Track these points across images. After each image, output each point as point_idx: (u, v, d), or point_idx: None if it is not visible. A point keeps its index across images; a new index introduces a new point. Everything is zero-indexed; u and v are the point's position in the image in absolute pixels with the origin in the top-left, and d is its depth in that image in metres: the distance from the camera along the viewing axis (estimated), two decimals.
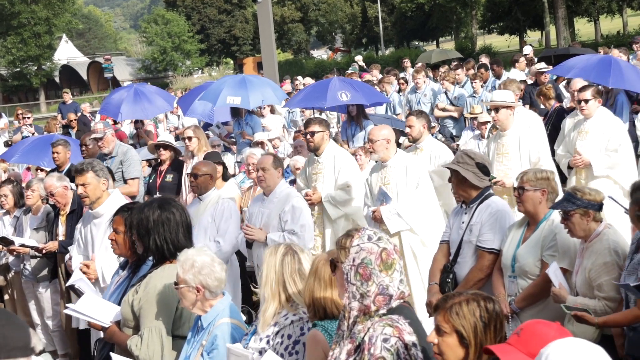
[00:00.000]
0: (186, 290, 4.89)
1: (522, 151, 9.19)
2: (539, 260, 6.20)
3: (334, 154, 9.55)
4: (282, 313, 4.74)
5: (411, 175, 8.46)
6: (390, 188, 8.51)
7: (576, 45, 26.86)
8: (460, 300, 3.60)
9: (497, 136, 9.58)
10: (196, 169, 8.50)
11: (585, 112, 9.67)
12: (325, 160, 9.56)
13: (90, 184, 7.58)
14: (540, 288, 6.17)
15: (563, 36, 51.54)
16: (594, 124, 9.59)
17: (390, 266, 3.87)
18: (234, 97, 15.00)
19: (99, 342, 6.06)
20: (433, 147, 9.67)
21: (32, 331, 2.88)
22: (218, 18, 76.81)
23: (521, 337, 3.30)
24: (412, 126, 9.63)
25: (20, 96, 77.85)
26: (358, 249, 3.88)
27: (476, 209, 6.70)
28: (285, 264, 4.81)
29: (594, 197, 5.82)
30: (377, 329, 3.77)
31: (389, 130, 8.69)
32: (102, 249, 7.39)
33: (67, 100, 23.52)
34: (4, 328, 2.79)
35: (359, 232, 3.94)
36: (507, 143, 9.33)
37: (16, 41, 70.67)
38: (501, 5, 61.22)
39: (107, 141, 11.27)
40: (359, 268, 3.85)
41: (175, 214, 5.47)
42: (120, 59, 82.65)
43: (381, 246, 3.88)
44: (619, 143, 9.40)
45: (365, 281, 3.84)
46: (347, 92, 13.54)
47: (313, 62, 69.64)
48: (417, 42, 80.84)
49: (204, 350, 4.85)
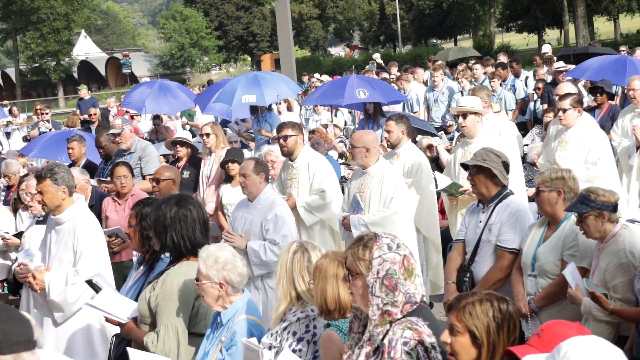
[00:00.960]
0: (209, 286, 4.92)
1: None
2: (559, 260, 6.18)
3: (308, 159, 9.33)
4: (292, 310, 4.77)
5: (386, 186, 8.30)
6: (364, 197, 8.39)
7: (596, 44, 26.70)
8: (474, 300, 3.60)
9: (464, 143, 9.29)
10: (159, 173, 8.32)
11: (563, 122, 9.38)
12: (299, 165, 9.33)
13: (48, 192, 6.98)
14: (559, 287, 6.14)
15: (582, 35, 51.25)
16: (575, 134, 9.24)
17: (411, 273, 3.90)
18: (249, 96, 15.01)
19: (115, 337, 6.10)
20: (410, 154, 9.40)
21: (34, 324, 2.90)
22: (236, 15, 76.84)
23: (542, 338, 3.31)
24: (390, 131, 9.37)
25: (39, 91, 78.22)
26: (381, 261, 3.87)
27: (494, 208, 6.67)
28: (295, 261, 4.84)
29: (608, 198, 5.78)
30: (397, 332, 3.78)
31: (373, 136, 8.55)
32: (56, 260, 7.01)
33: (84, 96, 23.62)
34: (4, 324, 2.80)
35: (377, 242, 3.92)
36: (474, 151, 8.79)
37: (35, 37, 70.96)
38: (520, 3, 60.87)
39: (125, 137, 11.29)
40: (384, 280, 3.85)
41: (192, 211, 5.50)
42: (138, 55, 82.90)
43: (402, 254, 3.89)
44: (598, 156, 9.05)
45: (392, 292, 3.85)
46: (364, 90, 13.54)
47: (330, 59, 69.52)
48: (434, 40, 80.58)
49: (222, 346, 4.88)
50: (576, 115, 9.28)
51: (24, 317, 2.92)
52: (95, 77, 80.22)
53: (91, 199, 9.12)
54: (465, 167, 7.05)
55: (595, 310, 5.69)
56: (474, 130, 9.09)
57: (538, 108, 16.39)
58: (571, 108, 9.24)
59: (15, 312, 2.91)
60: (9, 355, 2.79)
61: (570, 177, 6.26)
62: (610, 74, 13.12)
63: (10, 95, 73.03)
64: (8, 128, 22.98)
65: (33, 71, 74.93)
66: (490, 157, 6.67)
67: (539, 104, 16.31)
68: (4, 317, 2.83)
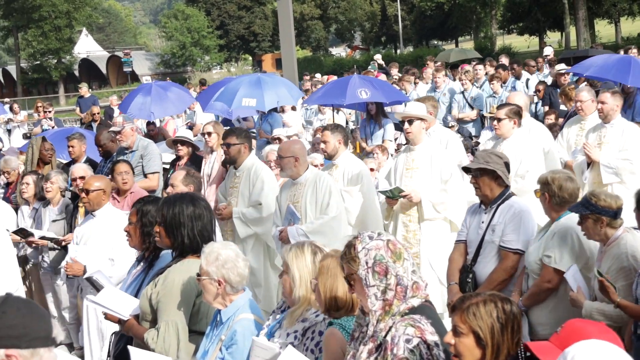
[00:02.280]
0: (208, 283, 4.91)
1: (433, 168, 8.68)
2: (539, 260, 6.24)
3: (251, 169, 9.08)
4: (311, 310, 4.73)
5: (320, 192, 8.11)
6: (299, 206, 8.18)
7: (597, 47, 26.71)
8: (478, 301, 3.60)
9: (406, 149, 9.05)
10: (88, 184, 7.98)
11: (498, 132, 9.22)
12: (241, 175, 9.12)
13: None
14: (539, 289, 6.25)
15: (583, 37, 51.22)
16: (509, 146, 8.93)
17: (399, 256, 3.88)
18: (250, 99, 14.98)
19: (114, 335, 6.10)
20: (349, 163, 9.18)
21: (54, 321, 2.89)
22: (237, 14, 76.87)
23: (560, 334, 3.32)
24: (326, 142, 9.11)
25: (40, 89, 78.20)
26: (365, 252, 3.88)
27: (497, 209, 6.69)
28: (316, 264, 4.79)
29: (609, 204, 5.77)
30: (400, 329, 3.77)
31: (300, 145, 8.40)
32: None
33: (84, 94, 23.58)
34: (25, 318, 2.81)
35: (358, 238, 3.95)
36: (417, 158, 8.81)
37: (37, 34, 70.97)
38: (521, 6, 60.85)
39: (126, 135, 11.29)
40: (375, 267, 3.85)
41: (205, 210, 5.53)
42: (139, 54, 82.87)
43: (384, 239, 3.90)
44: (527, 169, 8.78)
45: (384, 276, 3.85)
46: (366, 90, 13.53)
47: (332, 59, 69.56)
48: (436, 42, 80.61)
49: (222, 344, 4.87)
50: (511, 127, 9.05)
51: (45, 313, 2.93)
52: (96, 75, 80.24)
53: None
54: (466, 170, 7.03)
55: (597, 313, 5.70)
56: (418, 136, 8.81)
57: (539, 110, 16.39)
58: (506, 118, 9.03)
59: (36, 308, 2.91)
60: (27, 350, 2.79)
61: (555, 180, 6.28)
62: (614, 72, 13.10)
63: (11, 92, 73.09)
64: (9, 125, 22.96)
65: (34, 69, 74.95)
66: (493, 158, 6.68)
67: (540, 106, 16.31)
68: (24, 312, 2.83)
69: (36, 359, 2.81)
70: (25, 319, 2.81)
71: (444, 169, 8.67)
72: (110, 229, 7.79)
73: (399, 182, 8.85)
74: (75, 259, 7.66)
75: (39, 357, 2.82)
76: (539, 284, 6.24)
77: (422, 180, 8.68)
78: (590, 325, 3.33)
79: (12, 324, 2.78)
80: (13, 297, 2.89)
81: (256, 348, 4.63)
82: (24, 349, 2.78)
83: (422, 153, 8.76)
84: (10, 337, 2.77)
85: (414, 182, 8.71)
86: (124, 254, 7.54)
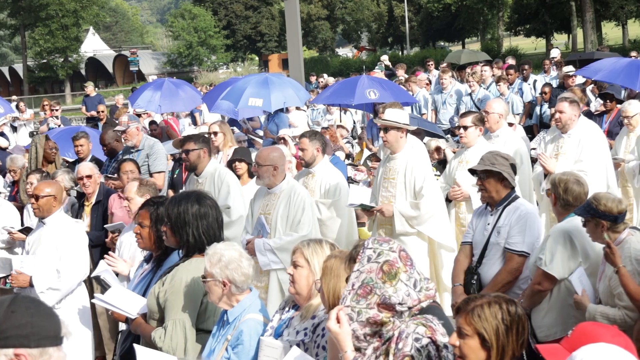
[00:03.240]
0: (213, 284, 4.92)
1: (407, 178, 8.43)
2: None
3: (214, 173, 8.77)
4: (321, 306, 4.71)
5: (293, 207, 7.74)
6: (270, 219, 7.83)
7: (604, 50, 26.67)
8: (482, 303, 3.58)
9: (387, 159, 8.74)
10: (38, 189, 7.73)
11: (464, 140, 9.05)
12: (204, 180, 8.79)
13: None
14: (531, 290, 6.26)
15: (590, 40, 51.15)
16: (476, 154, 8.58)
17: (394, 276, 3.84)
18: (256, 99, 15.00)
19: (121, 334, 6.11)
20: (326, 173, 8.94)
21: (62, 320, 2.89)
22: (244, 14, 76.93)
23: (571, 338, 3.31)
24: (304, 149, 8.88)
25: (46, 87, 78.34)
26: (357, 274, 3.87)
27: (503, 210, 6.69)
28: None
29: (610, 208, 5.75)
30: (410, 327, 3.76)
31: (279, 153, 7.94)
32: None
33: (90, 93, 23.65)
34: (34, 317, 2.80)
35: (360, 255, 3.92)
36: (395, 168, 8.54)
37: (44, 33, 71.06)
38: (528, 8, 60.78)
39: (131, 134, 11.31)
40: (358, 290, 3.83)
41: (211, 208, 5.54)
42: (146, 53, 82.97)
43: (381, 261, 3.86)
44: None
45: (364, 297, 3.81)
46: (375, 91, 13.53)
47: (338, 60, 69.53)
48: (442, 43, 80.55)
49: (228, 344, 4.87)
50: (477, 134, 8.96)
51: (53, 313, 2.92)
52: (102, 74, 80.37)
53: (98, 194, 9.16)
54: (472, 172, 7.02)
55: (600, 316, 5.68)
56: (396, 145, 8.51)
57: (545, 112, 16.38)
58: (472, 126, 8.92)
59: (44, 306, 2.90)
60: (36, 349, 2.79)
61: (561, 182, 6.28)
62: (622, 77, 13.11)
63: (18, 91, 73.14)
64: (15, 123, 22.99)
65: (41, 67, 75.05)
66: (499, 160, 6.67)
67: (546, 108, 16.30)
68: (33, 311, 2.83)
69: (45, 358, 2.81)
70: (33, 318, 2.80)
71: (417, 181, 8.40)
72: (60, 237, 7.54)
73: (377, 193, 8.67)
74: (20, 271, 7.48)
75: (48, 356, 2.82)
76: (531, 286, 6.28)
77: (396, 191, 8.46)
78: (602, 328, 3.32)
79: (20, 323, 2.78)
80: (21, 297, 2.88)
81: (265, 348, 4.63)
82: (33, 348, 2.78)
83: (400, 163, 8.51)
84: (19, 337, 2.77)
85: (388, 195, 8.51)
86: (72, 264, 7.44)
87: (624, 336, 3.30)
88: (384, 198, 8.51)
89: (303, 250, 4.85)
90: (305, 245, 4.88)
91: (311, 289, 4.76)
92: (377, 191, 8.66)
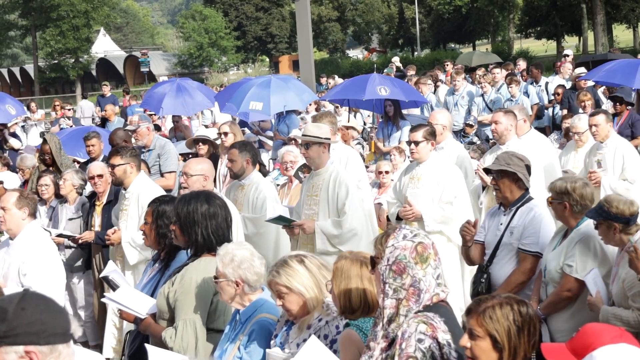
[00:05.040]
0: (225, 284, 4.91)
1: (330, 195, 7.92)
2: (560, 269, 6.19)
3: (139, 190, 8.31)
4: (315, 316, 4.69)
5: None
6: None
7: (615, 52, 26.60)
8: (494, 304, 3.58)
9: (311, 175, 8.25)
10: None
11: (415, 156, 8.53)
12: (130, 196, 8.36)
13: None
14: (559, 297, 6.19)
15: (601, 42, 51.06)
16: (427, 170, 8.38)
17: (425, 259, 3.86)
18: (257, 103, 14.97)
19: (129, 334, 6.11)
20: (257, 184, 8.58)
21: (72, 317, 2.90)
22: (255, 15, 77.07)
23: (575, 338, 3.30)
24: (234, 160, 8.53)
25: (57, 88, 78.60)
26: (392, 249, 3.88)
27: (516, 211, 6.67)
28: (308, 268, 4.70)
29: (622, 211, 5.73)
30: (412, 325, 3.76)
31: (208, 165, 7.71)
32: None
33: (106, 93, 23.70)
34: (43, 314, 2.81)
35: (395, 232, 3.94)
36: (318, 184, 8.04)
37: (55, 33, 71.31)
38: (539, 10, 60.71)
39: (141, 134, 11.33)
40: (392, 266, 3.85)
41: (220, 208, 5.53)
42: (156, 54, 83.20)
43: (416, 241, 3.88)
44: (454, 195, 8.26)
45: (399, 275, 3.85)
46: (386, 87, 13.50)
47: (349, 61, 69.56)
48: (453, 45, 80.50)
49: (241, 344, 4.87)
50: (429, 149, 8.43)
51: (62, 309, 2.93)
52: (113, 75, 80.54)
53: (109, 194, 9.16)
54: (487, 171, 6.99)
55: (613, 318, 5.66)
56: (318, 161, 8.01)
57: (557, 114, 16.34)
58: (424, 141, 8.37)
59: (54, 304, 2.91)
60: (46, 346, 2.80)
61: (575, 188, 6.20)
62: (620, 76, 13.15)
63: (29, 91, 73.49)
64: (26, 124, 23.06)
65: (52, 68, 75.30)
66: (514, 160, 6.65)
67: (558, 109, 16.27)
68: (42, 308, 2.83)
69: (55, 355, 2.82)
70: (43, 315, 2.81)
71: (340, 198, 7.88)
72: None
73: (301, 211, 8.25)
74: None
75: (58, 353, 2.82)
76: (558, 293, 6.18)
77: (319, 209, 8.00)
78: (606, 328, 3.30)
79: (30, 320, 2.78)
80: (31, 294, 2.89)
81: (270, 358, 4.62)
82: (42, 345, 2.79)
83: (324, 179, 8.00)
84: (29, 334, 2.77)
85: (311, 212, 8.05)
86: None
87: (629, 336, 3.29)
88: (307, 216, 8.06)
89: (277, 280, 4.67)
90: (275, 275, 4.69)
91: (305, 305, 4.68)
92: (301, 209, 8.25)
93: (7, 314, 2.78)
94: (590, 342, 3.17)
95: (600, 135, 9.31)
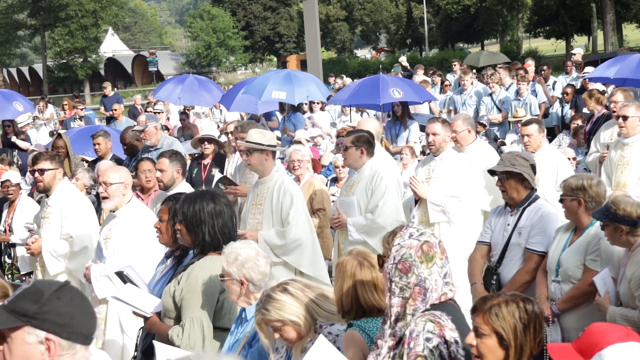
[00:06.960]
0: (230, 283, 4.94)
1: (274, 204, 7.60)
2: (582, 264, 6.18)
3: (63, 198, 8.04)
4: (307, 340, 4.53)
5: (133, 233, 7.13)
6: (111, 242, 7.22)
7: (624, 51, 26.52)
8: (500, 302, 3.59)
9: (256, 184, 7.90)
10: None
11: (346, 162, 8.48)
12: (53, 204, 8.05)
13: None
14: (581, 292, 6.18)
15: (611, 42, 50.87)
16: (360, 176, 8.19)
17: (431, 258, 3.86)
18: (280, 92, 15.01)
19: (142, 330, 6.12)
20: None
21: (99, 324, 2.91)
22: (263, 15, 77.07)
23: (581, 337, 3.30)
24: (163, 170, 8.27)
25: (66, 88, 78.68)
26: (398, 247, 3.88)
27: (523, 211, 6.67)
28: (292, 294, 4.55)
29: (629, 213, 5.72)
30: (419, 324, 3.76)
31: (126, 173, 7.43)
32: None
33: (108, 93, 23.76)
34: (75, 309, 2.85)
35: (402, 231, 3.94)
36: (262, 193, 7.71)
37: (63, 33, 71.42)
38: (548, 9, 60.49)
39: (149, 134, 11.37)
40: (398, 264, 3.86)
41: (226, 207, 5.54)
42: (164, 54, 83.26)
43: (422, 240, 3.87)
44: (376, 203, 7.96)
45: (405, 274, 3.85)
46: (399, 89, 13.46)
47: (357, 61, 69.45)
48: (461, 44, 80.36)
49: (246, 342, 4.88)
50: (359, 156, 8.14)
51: (93, 312, 2.97)
52: (121, 74, 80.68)
53: None
54: (491, 172, 6.98)
55: (620, 318, 5.65)
56: (261, 169, 7.71)
57: (566, 114, 16.32)
58: (352, 147, 8.13)
59: (87, 304, 2.96)
60: (66, 341, 2.83)
61: (591, 186, 6.20)
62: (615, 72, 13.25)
63: (37, 90, 73.53)
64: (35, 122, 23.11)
65: (60, 67, 75.42)
66: (519, 161, 6.66)
67: (567, 109, 16.25)
68: (76, 303, 2.87)
69: (71, 352, 2.85)
70: (74, 310, 2.85)
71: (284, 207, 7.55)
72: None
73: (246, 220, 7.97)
74: None
75: (74, 352, 2.86)
76: (580, 287, 6.17)
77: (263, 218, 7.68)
78: (613, 328, 3.31)
79: (61, 311, 2.82)
80: (70, 287, 2.93)
81: None
82: (64, 339, 2.82)
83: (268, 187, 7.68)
84: (55, 323, 2.81)
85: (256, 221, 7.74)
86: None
87: (635, 335, 3.29)
88: (251, 225, 7.73)
89: (269, 318, 4.52)
90: (265, 313, 4.52)
91: (300, 331, 4.53)
92: (246, 218, 7.93)
93: (42, 297, 2.82)
94: (597, 341, 3.17)
95: (532, 145, 8.78)
